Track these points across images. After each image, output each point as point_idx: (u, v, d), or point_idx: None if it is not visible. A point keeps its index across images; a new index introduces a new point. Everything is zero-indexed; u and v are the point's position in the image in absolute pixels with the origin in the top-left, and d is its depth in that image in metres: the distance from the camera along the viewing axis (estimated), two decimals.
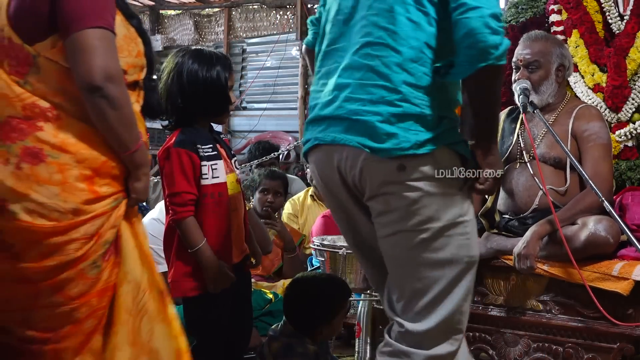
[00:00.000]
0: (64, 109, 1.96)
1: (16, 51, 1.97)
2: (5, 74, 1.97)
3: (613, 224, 3.07)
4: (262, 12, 9.14)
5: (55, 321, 1.99)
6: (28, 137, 1.92)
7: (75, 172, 1.94)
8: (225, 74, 2.97)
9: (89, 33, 1.90)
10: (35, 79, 1.97)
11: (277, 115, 8.97)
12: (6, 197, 1.91)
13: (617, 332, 3.04)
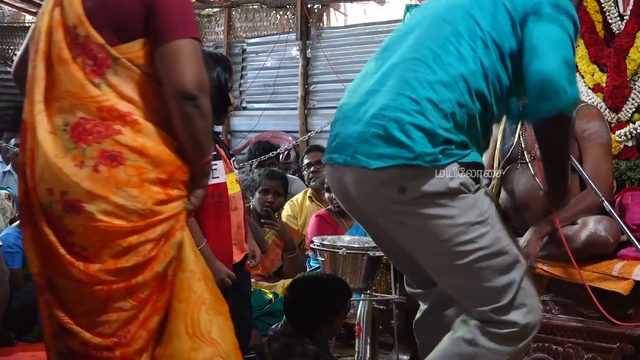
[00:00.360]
0: (140, 114, 1.98)
1: (94, 51, 1.98)
2: (80, 72, 1.98)
3: (613, 224, 3.07)
4: (262, 12, 9.13)
5: (123, 325, 2.00)
6: (106, 140, 1.94)
7: (152, 175, 1.97)
8: (226, 75, 2.98)
9: (185, 43, 1.96)
10: (112, 81, 1.98)
11: (277, 115, 8.97)
12: (81, 198, 1.93)
13: (617, 332, 3.04)
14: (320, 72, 8.68)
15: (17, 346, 4.04)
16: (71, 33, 2.00)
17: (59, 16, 2.02)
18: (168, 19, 1.97)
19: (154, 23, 1.97)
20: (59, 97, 1.99)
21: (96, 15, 1.99)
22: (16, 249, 4.20)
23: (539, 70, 2.13)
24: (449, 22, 2.27)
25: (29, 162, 2.00)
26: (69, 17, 2.01)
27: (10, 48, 10.48)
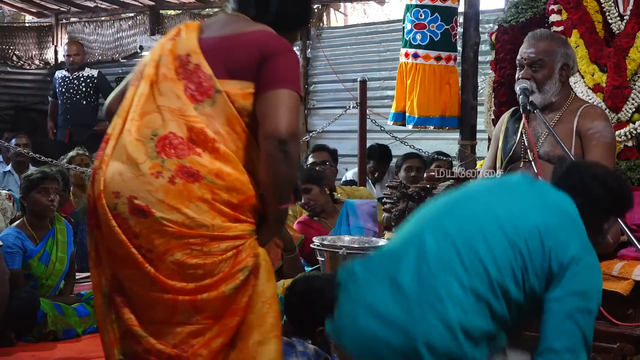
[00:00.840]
0: (223, 144, 2.10)
1: (201, 79, 2.14)
2: (182, 92, 2.12)
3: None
4: None
5: (186, 339, 2.07)
6: (186, 157, 2.07)
7: (224, 196, 2.08)
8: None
9: (287, 93, 2.14)
10: (207, 109, 2.12)
11: None
12: (152, 205, 2.03)
13: (617, 332, 3.04)
14: (320, 72, 8.67)
15: (17, 346, 4.03)
16: (181, 59, 2.18)
17: (171, 46, 2.22)
18: (278, 72, 2.15)
19: (266, 73, 2.15)
20: (154, 110, 2.13)
21: (214, 50, 2.17)
22: (16, 249, 4.19)
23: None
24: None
25: (103, 167, 2.11)
26: (182, 47, 2.20)
27: (10, 48, 10.46)
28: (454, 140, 5.26)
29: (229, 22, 2.28)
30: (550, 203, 2.22)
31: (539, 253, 2.12)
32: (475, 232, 2.13)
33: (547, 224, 2.14)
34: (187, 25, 2.27)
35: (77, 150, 6.41)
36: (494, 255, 2.10)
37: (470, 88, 4.62)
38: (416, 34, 4.57)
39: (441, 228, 2.15)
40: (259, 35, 2.20)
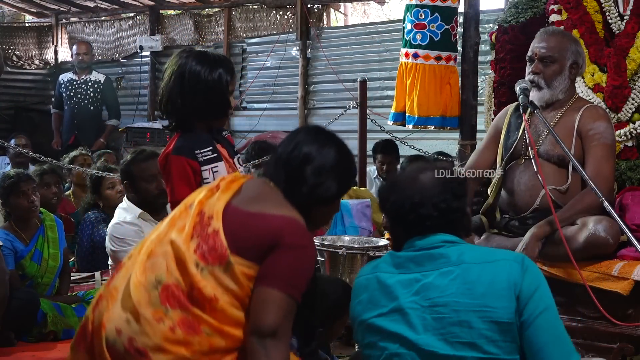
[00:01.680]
0: (223, 308, 2.11)
1: (216, 244, 2.14)
2: (191, 249, 2.14)
3: (613, 224, 3.06)
4: (262, 12, 9.12)
5: None
6: (188, 311, 2.09)
7: (221, 344, 2.11)
8: (227, 77, 2.96)
9: (281, 297, 2.10)
10: (215, 274, 2.11)
11: (277, 115, 8.95)
12: (149, 349, 2.07)
13: (617, 332, 3.04)
14: (320, 72, 8.67)
15: (17, 346, 4.03)
16: (202, 218, 2.19)
17: (203, 197, 2.24)
18: (280, 269, 2.11)
19: (267, 264, 2.11)
20: (160, 254, 2.16)
21: (235, 222, 2.16)
22: (6, 250, 4.17)
23: None
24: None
25: (110, 302, 2.16)
26: (209, 206, 2.21)
27: (10, 48, 10.47)
28: (454, 140, 5.26)
29: (260, 197, 2.25)
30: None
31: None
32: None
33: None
34: (229, 187, 2.26)
35: (80, 150, 6.41)
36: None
37: (470, 88, 4.62)
38: (416, 34, 4.57)
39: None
40: (281, 223, 2.16)
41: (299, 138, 2.31)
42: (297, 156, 2.27)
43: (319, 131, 2.36)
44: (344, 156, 2.33)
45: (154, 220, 3.99)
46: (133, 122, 9.38)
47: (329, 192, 2.28)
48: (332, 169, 2.28)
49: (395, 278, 2.19)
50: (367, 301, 2.22)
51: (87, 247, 4.94)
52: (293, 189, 2.25)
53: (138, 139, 8.86)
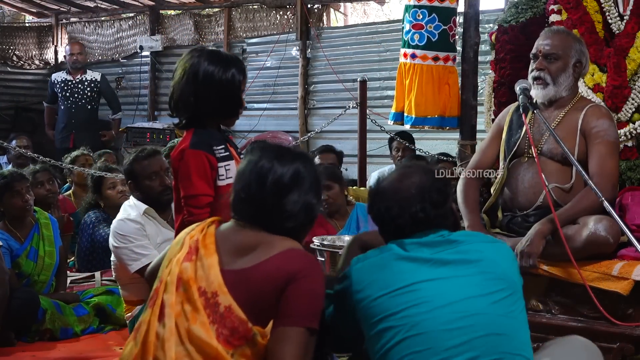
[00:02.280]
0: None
1: (235, 324, 2.04)
2: (215, 340, 2.02)
3: (613, 224, 3.06)
4: (262, 12, 9.13)
5: None
6: None
7: None
8: (240, 77, 2.97)
9: (298, 332, 2.03)
10: (245, 353, 2.04)
11: (277, 115, 8.96)
12: None
13: (617, 332, 3.04)
14: (320, 72, 8.67)
15: (17, 346, 4.03)
16: (207, 297, 2.06)
17: (192, 274, 2.09)
18: (294, 305, 2.05)
19: (282, 306, 2.05)
20: (184, 355, 2.03)
21: (238, 287, 2.06)
22: (3, 250, 4.18)
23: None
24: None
25: None
26: (205, 280, 2.07)
27: (10, 48, 10.47)
28: (454, 140, 5.26)
29: (245, 245, 2.13)
30: None
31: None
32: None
33: None
34: (206, 246, 2.12)
35: (82, 150, 6.41)
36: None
37: (470, 88, 4.61)
38: (414, 34, 4.57)
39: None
40: (282, 262, 2.07)
41: (258, 167, 2.17)
42: (268, 190, 2.15)
43: (272, 149, 2.22)
44: (311, 166, 2.23)
45: (159, 217, 3.99)
46: (133, 122, 9.38)
47: (315, 212, 2.23)
48: (311, 188, 2.20)
49: (413, 255, 2.23)
50: (383, 279, 2.21)
51: (87, 247, 4.95)
52: (275, 222, 2.15)
53: (138, 139, 8.86)
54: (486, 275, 2.22)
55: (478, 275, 2.21)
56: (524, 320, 2.27)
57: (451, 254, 2.24)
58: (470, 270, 2.22)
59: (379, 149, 7.67)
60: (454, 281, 2.19)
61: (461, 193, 3.56)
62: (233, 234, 2.17)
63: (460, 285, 2.19)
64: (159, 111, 9.76)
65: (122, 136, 9.07)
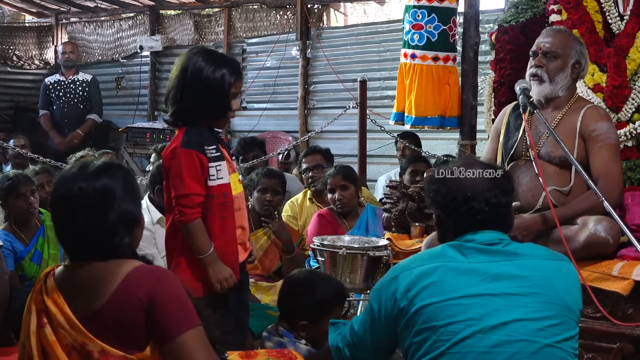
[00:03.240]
0: None
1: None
2: None
3: (613, 225, 3.06)
4: (262, 12, 9.12)
5: None
6: None
7: None
8: (231, 78, 2.91)
9: (192, 334, 2.00)
10: None
11: (277, 115, 8.95)
12: None
13: (617, 332, 3.04)
14: (320, 72, 8.67)
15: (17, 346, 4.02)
16: (77, 350, 2.00)
17: (53, 336, 2.02)
18: (169, 316, 1.99)
19: (158, 323, 1.99)
20: None
21: (102, 332, 1.99)
22: (6, 251, 4.18)
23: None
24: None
25: None
26: (68, 335, 2.01)
27: (10, 48, 10.47)
28: (454, 140, 5.26)
29: (89, 282, 2.04)
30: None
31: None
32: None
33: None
34: (54, 301, 2.03)
35: (87, 151, 6.42)
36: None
37: (470, 88, 4.62)
38: (414, 34, 4.58)
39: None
40: (130, 288, 2.00)
41: (63, 194, 2.06)
42: (81, 212, 2.04)
43: (72, 174, 2.09)
44: (119, 175, 2.11)
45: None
46: (133, 122, 9.38)
47: (137, 218, 2.13)
48: (127, 192, 2.09)
49: (466, 266, 2.19)
50: (433, 287, 2.16)
51: None
52: (102, 244, 2.05)
53: (138, 139, 8.86)
54: (539, 297, 2.15)
55: (530, 296, 2.14)
56: (571, 350, 2.18)
57: (507, 267, 2.18)
58: (523, 289, 2.15)
59: (379, 149, 7.67)
60: (504, 300, 2.13)
61: None
62: (70, 277, 2.07)
63: (509, 306, 2.13)
64: (159, 111, 9.75)
65: (122, 136, 9.07)
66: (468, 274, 2.16)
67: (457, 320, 2.10)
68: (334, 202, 4.79)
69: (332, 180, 4.77)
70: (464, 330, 2.09)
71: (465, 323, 2.10)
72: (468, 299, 2.12)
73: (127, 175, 2.15)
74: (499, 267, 2.18)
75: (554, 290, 2.17)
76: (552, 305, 2.15)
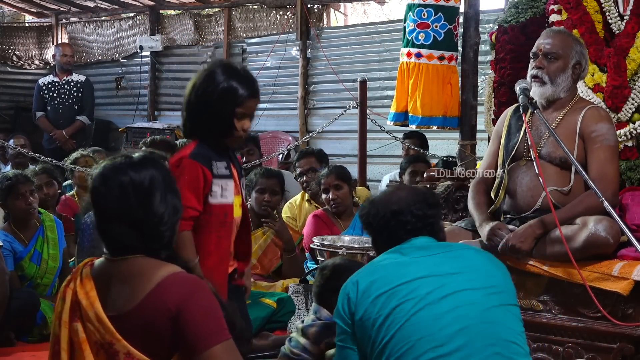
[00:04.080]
0: None
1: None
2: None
3: (613, 224, 3.06)
4: (262, 12, 9.12)
5: None
6: None
7: None
8: (239, 98, 2.80)
9: (221, 348, 1.98)
10: None
11: (277, 115, 8.95)
12: None
13: (617, 332, 3.04)
14: (320, 72, 8.67)
15: (17, 346, 4.03)
16: (106, 349, 2.00)
17: (83, 334, 2.02)
18: (198, 329, 1.98)
19: (184, 335, 1.97)
20: None
21: (130, 334, 1.98)
22: (5, 252, 4.17)
23: None
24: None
25: None
26: (97, 332, 2.01)
27: (10, 48, 10.47)
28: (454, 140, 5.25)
29: (124, 279, 2.05)
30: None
31: None
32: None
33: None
34: (86, 294, 2.04)
35: (81, 152, 6.42)
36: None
37: (470, 88, 4.61)
38: (419, 33, 4.56)
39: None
40: (163, 295, 1.99)
41: (118, 181, 2.08)
42: (133, 198, 2.06)
43: (118, 164, 2.12)
44: (161, 166, 2.15)
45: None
46: (133, 122, 9.38)
47: (180, 211, 2.15)
48: (170, 182, 2.14)
49: (408, 260, 2.36)
50: (383, 278, 2.31)
51: (87, 247, 4.94)
52: (147, 233, 2.07)
53: (138, 139, 8.86)
54: (479, 272, 2.35)
55: (472, 273, 2.33)
56: (517, 314, 2.35)
57: (446, 257, 2.38)
58: (464, 269, 2.34)
59: (379, 149, 7.67)
60: (449, 278, 2.30)
61: (471, 199, 3.57)
62: (108, 271, 2.08)
63: (455, 281, 2.29)
64: (159, 111, 9.76)
65: (122, 136, 9.07)
66: (411, 265, 2.34)
67: (408, 298, 2.25)
68: (328, 202, 4.80)
69: (326, 180, 4.79)
70: (416, 305, 2.24)
71: (415, 300, 2.25)
72: (415, 282, 2.28)
73: (166, 167, 2.20)
74: (439, 257, 2.38)
75: (490, 270, 2.38)
76: (492, 278, 2.35)
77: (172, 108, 9.65)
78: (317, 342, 2.94)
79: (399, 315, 2.23)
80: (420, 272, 2.31)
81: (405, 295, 2.25)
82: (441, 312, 2.23)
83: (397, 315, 2.23)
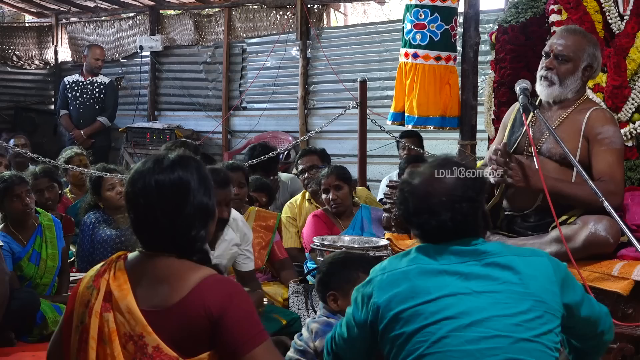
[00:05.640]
0: None
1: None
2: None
3: (613, 224, 3.06)
4: (262, 12, 9.12)
5: None
6: None
7: None
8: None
9: (262, 350, 2.02)
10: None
11: (277, 115, 8.95)
12: None
13: (616, 332, 3.02)
14: (320, 72, 8.67)
15: (17, 346, 4.03)
16: (135, 341, 2.01)
17: (114, 324, 2.03)
18: (240, 332, 2.01)
19: (225, 338, 2.00)
20: None
21: (161, 329, 2.00)
22: (4, 252, 4.17)
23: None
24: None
25: None
26: (127, 324, 2.02)
27: (10, 48, 10.47)
28: (454, 140, 5.26)
29: (158, 277, 2.06)
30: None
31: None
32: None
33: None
34: (119, 286, 2.06)
35: (75, 150, 6.40)
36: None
37: (470, 88, 4.62)
38: (416, 34, 4.57)
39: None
40: (202, 299, 2.00)
41: (146, 182, 2.07)
42: (164, 199, 2.06)
43: (149, 165, 2.12)
44: (194, 167, 2.13)
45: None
46: (133, 122, 9.39)
47: (212, 211, 2.14)
48: (202, 184, 2.11)
49: (437, 267, 2.19)
50: (407, 292, 2.18)
51: (87, 247, 4.94)
52: (177, 233, 2.07)
53: (138, 139, 8.87)
54: (511, 293, 2.15)
55: (502, 293, 2.14)
56: (551, 344, 2.16)
57: (479, 267, 2.18)
58: (495, 287, 2.15)
59: (379, 149, 7.67)
60: (478, 298, 2.14)
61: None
62: (142, 266, 2.09)
63: (484, 303, 2.13)
64: (159, 111, 9.76)
65: (122, 136, 9.07)
66: (439, 276, 2.17)
67: (433, 320, 2.12)
68: (328, 202, 4.80)
69: (326, 180, 4.78)
70: (441, 329, 2.11)
71: (441, 323, 2.12)
72: (442, 300, 2.14)
73: (201, 167, 2.15)
74: (469, 267, 2.18)
75: (526, 286, 2.16)
76: (526, 300, 2.14)
77: (172, 108, 9.66)
78: (318, 338, 2.96)
79: (422, 338, 2.12)
80: (447, 289, 2.15)
81: (430, 316, 2.13)
82: (467, 341, 2.10)
83: (421, 338, 2.12)
